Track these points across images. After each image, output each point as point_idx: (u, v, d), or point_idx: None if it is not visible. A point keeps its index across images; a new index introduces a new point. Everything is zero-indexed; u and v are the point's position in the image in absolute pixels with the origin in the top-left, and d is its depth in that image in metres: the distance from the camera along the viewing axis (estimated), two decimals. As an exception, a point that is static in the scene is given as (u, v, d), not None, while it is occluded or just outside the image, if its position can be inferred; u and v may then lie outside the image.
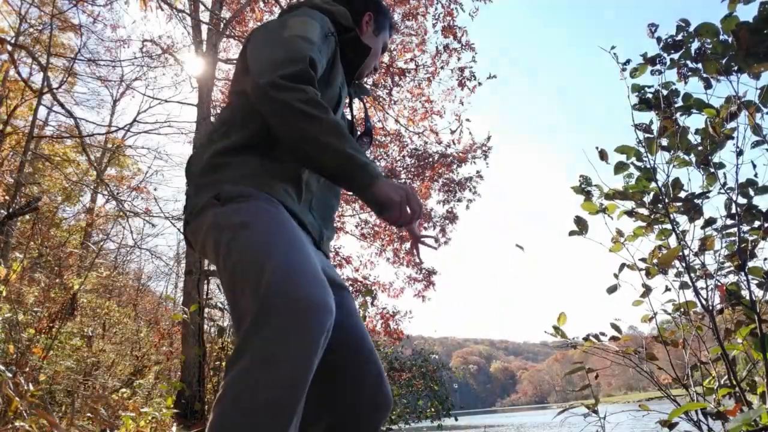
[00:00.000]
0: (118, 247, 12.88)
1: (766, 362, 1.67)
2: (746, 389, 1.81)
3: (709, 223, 1.94)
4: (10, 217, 6.37)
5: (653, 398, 2.20)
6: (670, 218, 1.97)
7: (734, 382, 1.79)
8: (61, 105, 7.41)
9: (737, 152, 1.81)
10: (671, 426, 1.80)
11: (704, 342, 2.05)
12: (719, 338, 1.85)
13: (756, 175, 1.84)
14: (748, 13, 1.70)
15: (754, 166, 1.82)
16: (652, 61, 2.01)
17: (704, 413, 1.79)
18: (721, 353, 1.83)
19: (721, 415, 1.73)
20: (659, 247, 2.06)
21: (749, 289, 1.81)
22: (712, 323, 1.86)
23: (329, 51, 1.25)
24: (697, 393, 1.97)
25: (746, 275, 1.81)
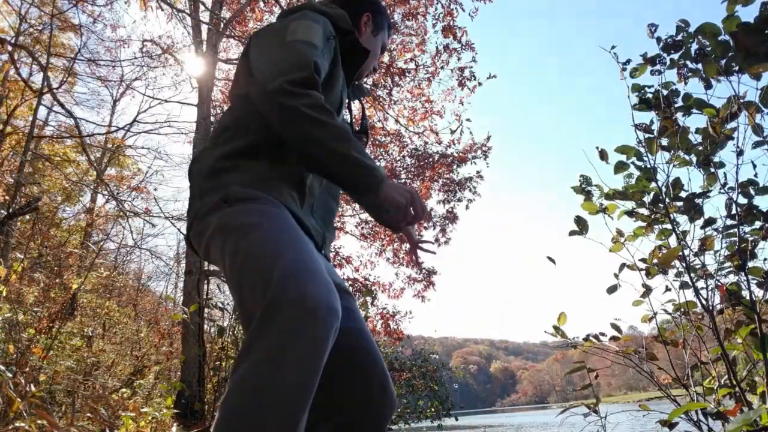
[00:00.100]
0: (118, 247, 12.89)
1: (766, 362, 1.67)
2: (746, 389, 1.81)
3: (709, 222, 1.94)
4: (10, 217, 6.37)
5: (653, 398, 2.20)
6: (670, 218, 1.97)
7: (734, 382, 1.79)
8: (61, 105, 7.41)
9: (737, 152, 1.81)
10: (671, 426, 1.80)
11: (704, 342, 2.04)
12: (719, 338, 1.85)
13: (756, 175, 1.84)
14: (750, 14, 1.70)
15: (754, 166, 1.82)
16: (652, 61, 2.01)
17: (704, 413, 1.79)
18: (721, 353, 1.83)
19: (721, 415, 1.73)
20: (659, 247, 2.06)
21: (749, 289, 1.81)
22: (712, 323, 1.86)
23: (331, 54, 1.26)
24: (697, 393, 1.97)
25: (746, 275, 1.81)
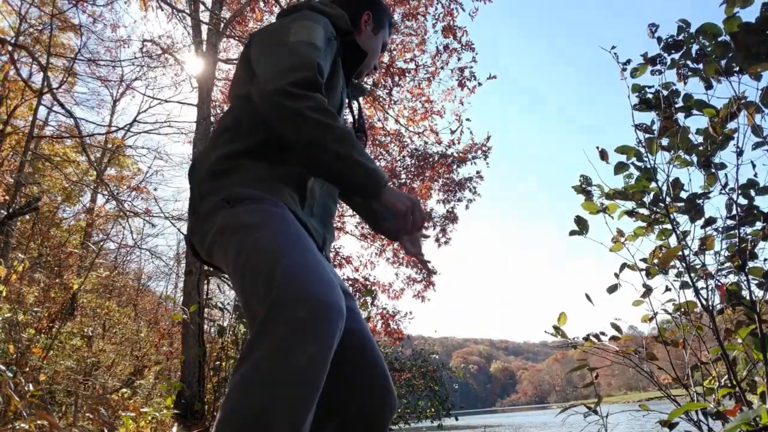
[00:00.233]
0: (118, 247, 12.90)
1: (766, 362, 1.67)
2: (746, 389, 1.81)
3: (710, 222, 1.94)
4: (10, 217, 6.37)
5: (653, 398, 2.20)
6: (670, 218, 1.97)
7: (734, 382, 1.79)
8: (61, 105, 7.41)
9: (737, 152, 1.81)
10: (671, 426, 1.80)
11: (704, 342, 2.05)
12: (719, 338, 1.85)
13: (756, 175, 1.84)
14: (752, 14, 1.70)
15: (754, 166, 1.82)
16: (653, 61, 2.01)
17: (704, 413, 1.79)
18: (722, 353, 1.83)
19: (721, 415, 1.73)
20: (660, 247, 2.06)
21: (749, 289, 1.81)
22: (713, 323, 1.86)
23: (332, 55, 1.26)
24: (697, 393, 1.97)
25: (747, 275, 1.81)
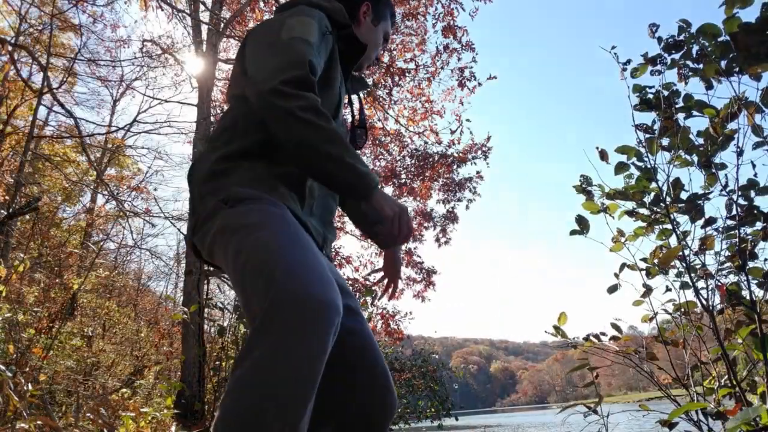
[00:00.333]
0: (118, 247, 12.89)
1: (766, 362, 1.67)
2: (746, 389, 1.81)
3: (710, 222, 1.94)
4: (10, 217, 6.37)
5: (653, 398, 2.20)
6: (670, 218, 1.97)
7: (734, 382, 1.79)
8: (61, 105, 7.41)
9: (737, 152, 1.81)
10: (671, 426, 1.80)
11: (704, 342, 2.05)
12: (719, 338, 1.85)
13: (756, 176, 1.84)
14: (752, 14, 1.70)
15: (754, 166, 1.82)
16: (653, 61, 2.01)
17: (704, 413, 1.79)
18: (722, 353, 1.83)
19: (721, 415, 1.73)
20: (660, 247, 2.06)
21: (749, 289, 1.81)
22: (713, 323, 1.86)
23: (327, 50, 1.24)
24: (697, 393, 1.97)
25: (746, 275, 1.81)
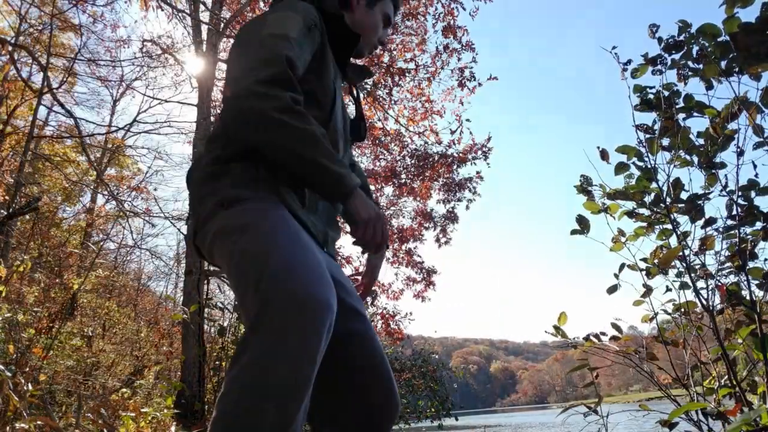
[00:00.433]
0: (118, 247, 12.89)
1: (766, 362, 1.67)
2: (746, 389, 1.81)
3: (710, 222, 1.94)
4: (10, 217, 6.37)
5: (653, 398, 2.20)
6: (670, 218, 1.97)
7: (734, 382, 1.79)
8: (61, 105, 7.41)
9: (738, 153, 1.81)
10: (671, 426, 1.80)
11: (704, 342, 2.05)
12: (719, 338, 1.85)
13: (757, 176, 1.84)
14: (752, 14, 1.70)
15: (755, 166, 1.82)
16: (653, 61, 2.01)
17: (704, 413, 1.79)
18: (722, 353, 1.83)
19: (721, 415, 1.73)
20: (660, 247, 2.06)
21: (749, 289, 1.81)
22: (713, 323, 1.86)
23: (314, 43, 1.21)
24: (698, 393, 1.97)
25: (747, 275, 1.81)
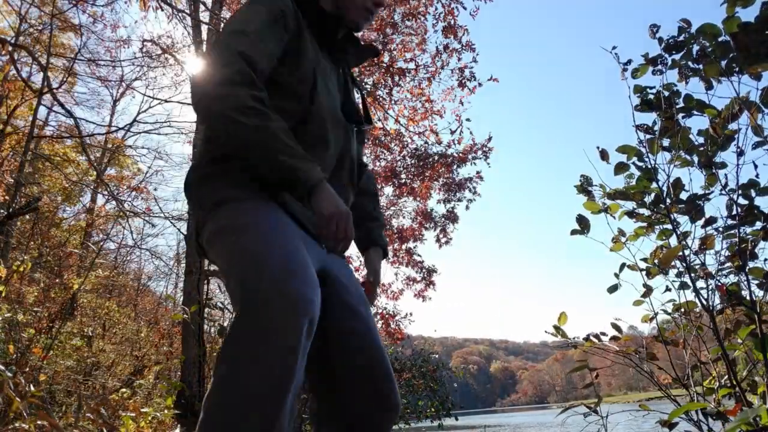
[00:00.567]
0: (118, 247, 12.91)
1: (766, 362, 1.67)
2: (746, 389, 1.81)
3: (710, 222, 1.94)
4: (10, 217, 6.37)
5: (653, 398, 2.20)
6: (670, 218, 1.97)
7: (734, 382, 1.79)
8: (61, 105, 7.39)
9: (738, 153, 1.81)
10: (671, 426, 1.80)
11: (704, 342, 2.05)
12: (719, 338, 1.85)
13: (757, 176, 1.84)
14: (751, 14, 1.70)
15: (756, 166, 1.82)
16: (654, 61, 2.01)
17: (704, 413, 1.79)
18: (722, 353, 1.83)
19: (721, 415, 1.73)
20: (660, 247, 2.06)
21: (749, 289, 1.81)
22: (713, 323, 1.86)
23: (286, 32, 1.19)
24: (698, 393, 1.97)
25: (747, 275, 1.81)
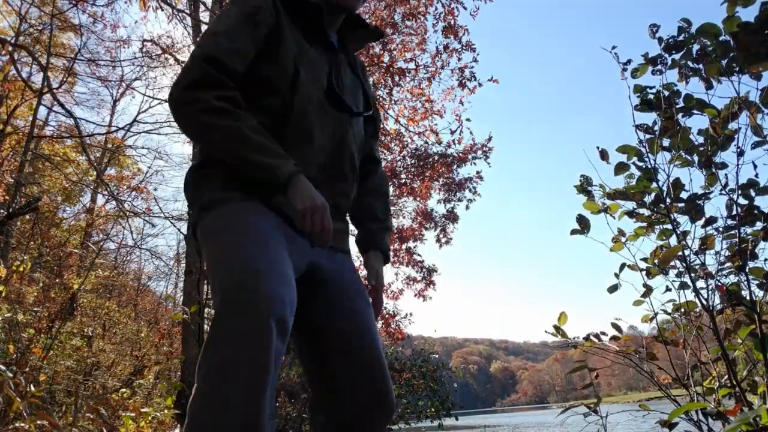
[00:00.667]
0: (118, 247, 12.91)
1: (766, 362, 1.67)
2: (746, 389, 1.81)
3: (710, 222, 1.94)
4: (10, 217, 6.37)
5: (653, 398, 2.20)
6: (670, 218, 1.97)
7: (734, 382, 1.79)
8: (61, 105, 7.39)
9: (738, 152, 1.81)
10: (671, 426, 1.80)
11: (704, 342, 2.05)
12: (719, 338, 1.85)
13: (757, 176, 1.84)
14: (751, 14, 1.70)
15: (755, 166, 1.82)
16: (654, 61, 2.01)
17: (704, 413, 1.79)
18: (722, 353, 1.83)
19: (721, 415, 1.73)
20: (660, 247, 2.06)
21: (749, 289, 1.81)
22: (713, 323, 1.86)
23: (262, 27, 1.18)
24: (697, 393, 1.97)
25: (747, 275, 1.81)
